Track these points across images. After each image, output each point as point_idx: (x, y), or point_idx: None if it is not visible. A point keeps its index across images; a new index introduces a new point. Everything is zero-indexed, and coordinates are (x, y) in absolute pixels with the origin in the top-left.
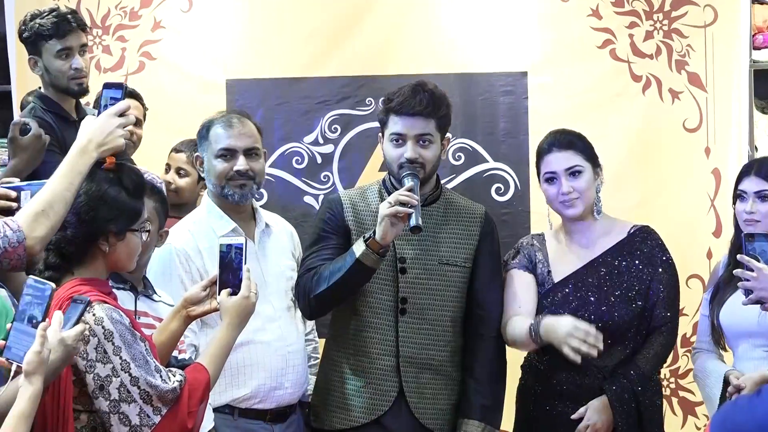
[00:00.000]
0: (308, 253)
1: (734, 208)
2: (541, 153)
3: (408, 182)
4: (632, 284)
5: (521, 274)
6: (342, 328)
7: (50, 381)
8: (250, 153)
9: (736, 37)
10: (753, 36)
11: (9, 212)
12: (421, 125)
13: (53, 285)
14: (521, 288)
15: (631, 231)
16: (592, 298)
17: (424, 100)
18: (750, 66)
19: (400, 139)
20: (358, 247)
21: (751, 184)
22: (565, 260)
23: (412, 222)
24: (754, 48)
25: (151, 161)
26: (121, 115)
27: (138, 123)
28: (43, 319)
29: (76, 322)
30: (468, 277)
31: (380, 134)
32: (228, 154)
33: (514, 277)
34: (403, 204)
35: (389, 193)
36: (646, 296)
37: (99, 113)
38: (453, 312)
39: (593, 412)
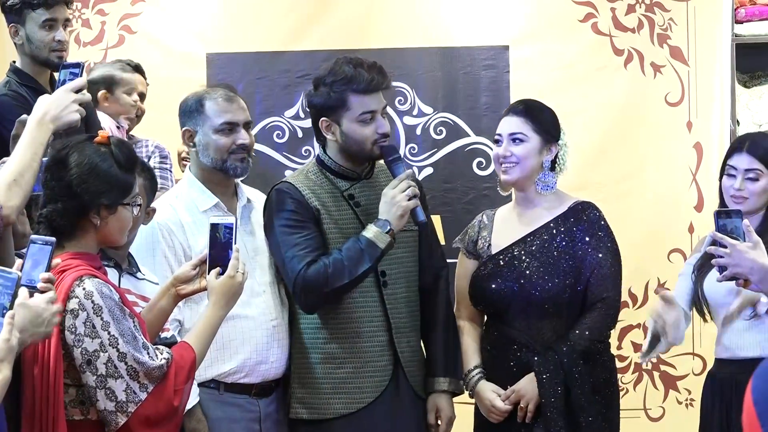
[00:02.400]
0: (292, 245)
1: (720, 182)
2: (502, 117)
3: (404, 169)
4: (565, 258)
5: (463, 260)
6: (325, 315)
7: (25, 346)
8: (247, 126)
9: (718, 11)
10: (735, 9)
11: None
12: (382, 99)
13: (19, 273)
14: (463, 276)
15: (572, 205)
16: (525, 271)
17: (381, 72)
18: (732, 40)
19: (371, 116)
20: (382, 239)
21: (742, 161)
22: (506, 233)
23: (420, 217)
24: (736, 21)
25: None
26: (78, 92)
27: (142, 97)
28: (10, 308)
29: (48, 264)
30: (418, 237)
31: (325, 119)
32: (230, 128)
33: (460, 261)
34: (415, 195)
35: (332, 172)
36: (580, 270)
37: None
38: (415, 275)
39: (522, 383)
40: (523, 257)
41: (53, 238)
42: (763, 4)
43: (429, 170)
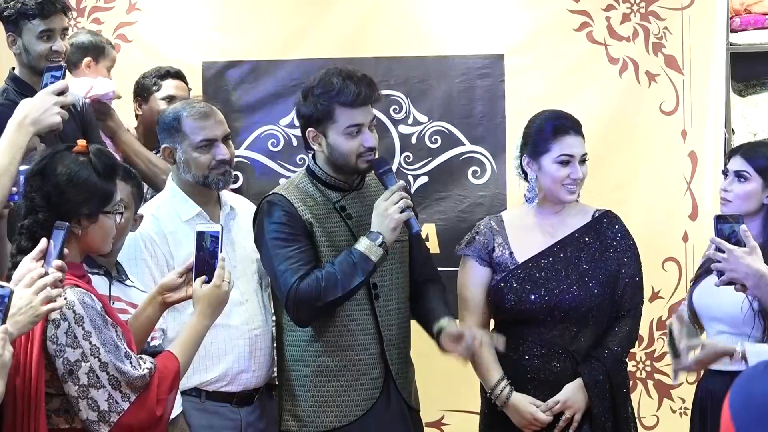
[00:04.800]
0: (284, 258)
1: None
2: (558, 132)
3: (395, 181)
4: (600, 266)
5: (475, 268)
6: (317, 328)
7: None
8: (225, 140)
9: (713, 20)
10: (730, 18)
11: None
12: (371, 111)
13: (12, 287)
14: (474, 284)
15: (596, 215)
16: (560, 278)
17: (369, 86)
18: (727, 49)
19: (358, 129)
20: (375, 252)
21: (734, 164)
22: (529, 241)
23: (415, 229)
24: (731, 30)
25: None
26: (60, 94)
27: None
28: (3, 322)
29: (61, 249)
30: (408, 248)
31: (312, 129)
32: (208, 144)
33: (468, 268)
34: (408, 206)
35: (323, 183)
36: (616, 280)
37: None
38: (406, 286)
39: (569, 393)
40: (556, 266)
41: (66, 223)
42: (759, 13)
43: (424, 179)
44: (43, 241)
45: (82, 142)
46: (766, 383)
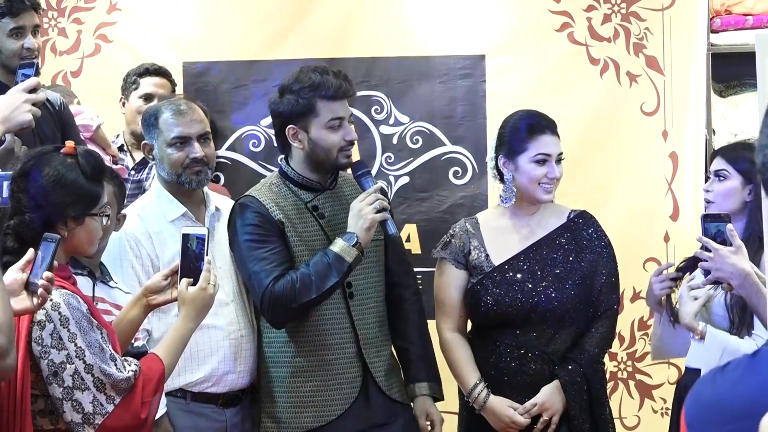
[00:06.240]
0: (258, 260)
1: None
2: (534, 131)
3: (373, 183)
4: (576, 267)
5: (451, 270)
6: (293, 329)
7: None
8: (201, 138)
9: (693, 21)
10: (711, 19)
11: None
12: (348, 106)
13: None
14: (451, 287)
15: (571, 215)
16: (536, 281)
17: (347, 80)
18: (708, 49)
19: (339, 123)
20: (349, 253)
21: (715, 164)
22: (505, 243)
23: (392, 231)
24: (711, 31)
25: None
26: (32, 91)
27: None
28: None
29: (51, 261)
30: (384, 247)
31: (292, 126)
32: (181, 141)
33: (444, 271)
34: (384, 208)
35: (295, 184)
36: (592, 280)
37: None
38: (382, 284)
39: (546, 396)
40: (532, 268)
41: (57, 236)
42: (739, 14)
43: (405, 179)
44: (30, 251)
45: (70, 144)
46: (712, 389)
